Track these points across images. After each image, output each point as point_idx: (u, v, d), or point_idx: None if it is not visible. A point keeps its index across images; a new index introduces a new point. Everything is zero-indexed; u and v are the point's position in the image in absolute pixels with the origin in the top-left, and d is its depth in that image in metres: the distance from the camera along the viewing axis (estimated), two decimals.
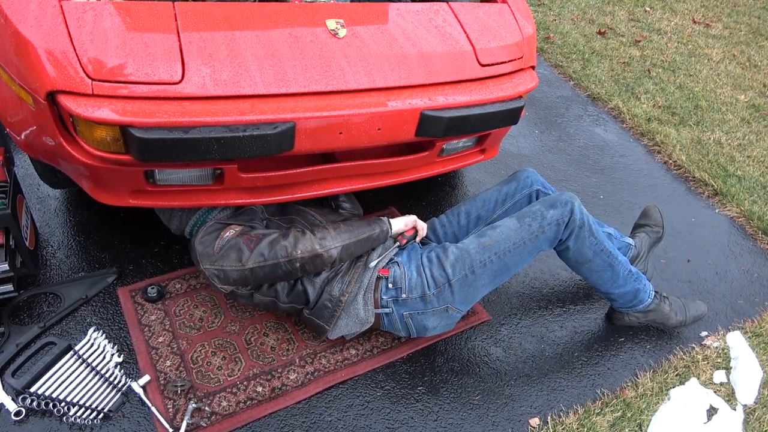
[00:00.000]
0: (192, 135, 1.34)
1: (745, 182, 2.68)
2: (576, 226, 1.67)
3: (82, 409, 1.48)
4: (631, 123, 3.04)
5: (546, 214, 1.66)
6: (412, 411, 1.60)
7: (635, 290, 1.79)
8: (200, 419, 1.50)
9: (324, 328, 1.62)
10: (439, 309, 1.62)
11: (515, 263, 1.65)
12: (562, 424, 1.61)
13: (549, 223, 1.65)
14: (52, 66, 1.30)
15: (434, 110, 1.59)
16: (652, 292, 1.85)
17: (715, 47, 4.06)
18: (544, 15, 4.09)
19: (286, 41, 1.50)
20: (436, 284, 1.60)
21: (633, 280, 1.78)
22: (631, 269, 1.79)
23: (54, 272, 1.83)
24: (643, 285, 1.81)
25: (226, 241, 1.53)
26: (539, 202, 1.71)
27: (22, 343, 1.60)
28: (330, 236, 1.55)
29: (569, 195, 1.71)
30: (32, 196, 2.08)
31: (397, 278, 1.62)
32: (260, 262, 1.49)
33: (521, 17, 1.84)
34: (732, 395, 1.77)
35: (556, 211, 1.66)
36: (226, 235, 1.55)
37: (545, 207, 1.68)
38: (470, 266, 1.60)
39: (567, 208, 1.67)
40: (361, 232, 1.61)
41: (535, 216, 1.67)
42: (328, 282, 1.60)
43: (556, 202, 1.69)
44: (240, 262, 1.50)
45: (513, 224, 1.66)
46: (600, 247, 1.71)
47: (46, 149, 1.50)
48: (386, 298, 1.62)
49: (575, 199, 1.69)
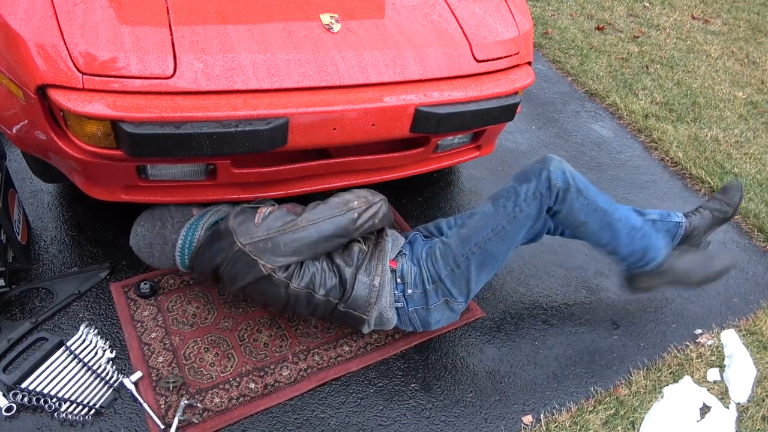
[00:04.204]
0: (184, 130, 1.33)
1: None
2: (560, 190, 1.53)
3: (73, 405, 1.48)
4: (629, 119, 3.03)
5: (519, 191, 1.53)
6: (405, 408, 1.60)
7: (643, 248, 1.61)
8: (192, 416, 1.49)
9: (362, 318, 1.57)
10: (439, 303, 1.62)
11: (501, 249, 1.57)
12: (555, 422, 1.60)
13: (525, 200, 1.52)
14: (42, 60, 1.29)
15: (429, 106, 1.58)
16: (665, 248, 1.65)
17: (713, 44, 4.04)
18: (542, 10, 4.06)
19: (280, 36, 1.49)
20: (432, 279, 1.61)
21: (640, 237, 1.61)
22: (635, 225, 1.61)
23: (46, 267, 1.82)
24: (654, 241, 1.62)
25: (266, 215, 1.48)
26: (512, 178, 1.59)
27: (14, 338, 1.60)
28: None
29: (543, 161, 1.55)
30: (25, 191, 2.07)
31: (404, 272, 1.62)
32: (315, 220, 1.47)
33: (518, 12, 1.82)
34: (725, 393, 1.77)
35: (529, 184, 1.53)
36: (264, 211, 1.49)
37: (517, 182, 1.56)
38: (454, 261, 1.57)
39: (542, 177, 1.52)
40: None
41: (508, 195, 1.54)
42: (358, 269, 1.56)
43: (529, 173, 1.55)
44: (292, 224, 1.46)
45: (488, 209, 1.57)
46: (592, 207, 1.57)
47: (37, 144, 1.49)
48: (397, 292, 1.62)
49: (550, 163, 1.53)
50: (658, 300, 2.04)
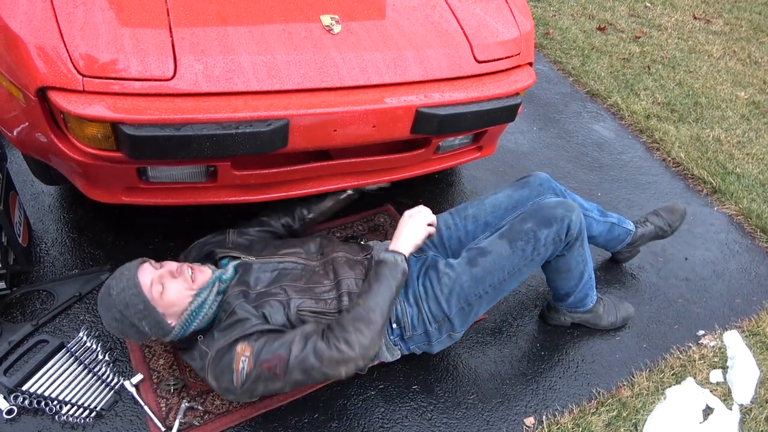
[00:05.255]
0: (184, 132, 1.33)
1: (744, 180, 2.67)
2: (572, 239, 1.58)
3: (74, 408, 1.48)
4: (630, 120, 3.02)
5: (540, 235, 1.53)
6: (406, 410, 1.59)
7: (586, 295, 1.77)
8: (193, 418, 1.49)
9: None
10: (442, 338, 1.57)
11: (512, 285, 1.58)
12: (557, 423, 1.60)
13: (544, 245, 1.54)
14: (43, 62, 1.28)
15: (430, 107, 1.57)
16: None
17: (715, 44, 4.04)
18: (543, 11, 4.06)
19: (280, 37, 1.49)
20: (435, 319, 1.53)
21: (589, 287, 1.76)
22: (591, 275, 1.75)
23: (47, 269, 1.82)
24: (593, 289, 1.79)
25: (245, 376, 1.31)
26: (531, 217, 1.57)
27: (15, 340, 1.60)
28: (350, 331, 1.33)
29: (565, 207, 1.57)
30: (26, 193, 2.07)
31: (399, 316, 1.53)
32: (297, 381, 1.34)
33: (519, 13, 1.82)
34: (728, 395, 1.76)
35: (550, 230, 1.54)
36: (240, 367, 1.31)
37: (538, 225, 1.55)
38: (465, 300, 1.52)
39: (563, 224, 1.54)
40: (382, 296, 1.41)
41: (528, 238, 1.54)
42: None
43: (551, 218, 1.55)
44: (275, 386, 1.34)
45: (504, 250, 1.54)
46: (583, 258, 1.66)
47: (37, 146, 1.49)
48: (393, 338, 1.55)
49: (573, 211, 1.56)
50: (660, 301, 2.04)
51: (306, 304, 1.45)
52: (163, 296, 1.35)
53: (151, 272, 1.37)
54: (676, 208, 2.07)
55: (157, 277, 1.36)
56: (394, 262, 1.46)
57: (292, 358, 1.31)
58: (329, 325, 1.36)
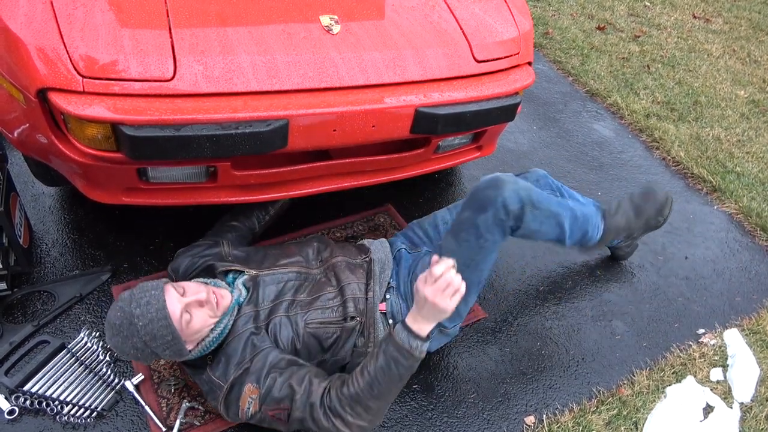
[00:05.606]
0: (184, 133, 1.33)
1: (744, 178, 2.67)
2: (517, 213, 1.49)
3: (75, 408, 1.48)
4: (630, 119, 3.02)
5: (478, 223, 1.48)
6: (406, 410, 1.59)
7: (583, 232, 1.66)
8: (194, 418, 1.49)
9: None
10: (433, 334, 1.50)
11: (478, 276, 1.53)
12: (558, 422, 1.60)
13: (486, 230, 1.48)
14: (43, 63, 1.29)
15: (429, 107, 1.57)
16: (600, 225, 1.71)
17: (715, 42, 4.04)
18: (542, 10, 4.06)
19: (280, 37, 1.49)
20: None
21: (579, 227, 1.64)
22: (578, 215, 1.63)
23: (48, 270, 1.82)
24: (592, 225, 1.68)
25: (250, 416, 1.34)
26: (467, 205, 1.52)
27: (16, 341, 1.60)
28: (349, 413, 1.29)
29: (495, 185, 1.48)
30: (26, 194, 2.07)
31: (394, 312, 1.54)
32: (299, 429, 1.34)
33: (518, 13, 1.82)
34: (729, 393, 1.76)
35: (486, 215, 1.48)
36: (246, 407, 1.33)
37: (474, 212, 1.49)
38: None
39: (498, 204, 1.47)
40: (389, 391, 1.30)
41: (468, 228, 1.50)
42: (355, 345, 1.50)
43: (485, 202, 1.48)
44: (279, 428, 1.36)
45: (451, 245, 1.51)
46: (545, 214, 1.55)
47: (38, 147, 1.49)
48: None
49: (504, 187, 1.47)
50: (660, 300, 2.04)
51: (312, 316, 1.46)
52: (190, 325, 1.32)
53: (179, 300, 1.31)
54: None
55: (185, 306, 1.31)
56: (411, 354, 1.27)
57: (293, 416, 1.31)
58: (331, 394, 1.30)
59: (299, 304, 1.47)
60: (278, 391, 1.32)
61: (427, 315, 1.28)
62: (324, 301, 1.49)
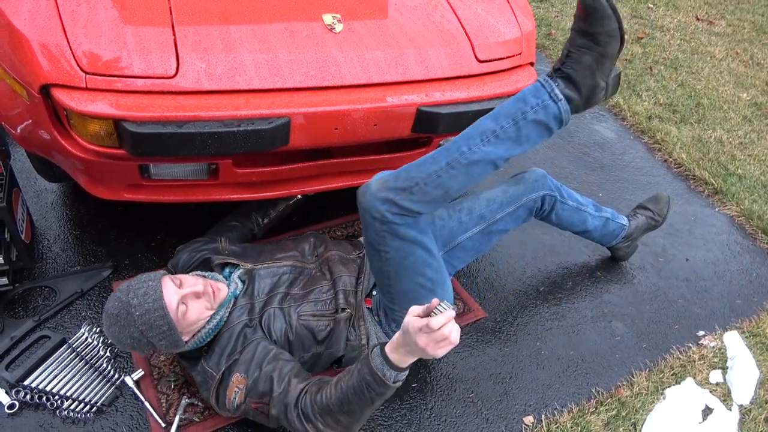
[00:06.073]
0: (186, 130, 1.34)
1: (746, 181, 2.67)
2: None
3: (75, 403, 1.48)
4: (632, 121, 3.02)
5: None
6: (405, 408, 1.60)
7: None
8: (193, 414, 1.50)
9: None
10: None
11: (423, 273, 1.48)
12: (557, 422, 1.60)
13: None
14: (46, 59, 1.29)
15: (431, 106, 1.58)
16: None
17: (717, 45, 4.03)
18: (545, 11, 4.06)
19: (282, 36, 1.49)
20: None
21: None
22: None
23: (50, 266, 1.83)
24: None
25: (236, 406, 1.35)
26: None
27: (17, 336, 1.60)
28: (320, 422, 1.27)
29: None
30: (29, 190, 2.08)
31: (379, 309, 1.56)
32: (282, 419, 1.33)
33: (520, 13, 1.82)
34: (728, 395, 1.76)
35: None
36: (233, 396, 1.34)
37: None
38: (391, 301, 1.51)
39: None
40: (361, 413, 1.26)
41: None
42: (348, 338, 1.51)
43: None
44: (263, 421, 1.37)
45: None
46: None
47: (41, 143, 1.50)
48: (384, 327, 1.56)
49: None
50: (660, 301, 2.04)
51: (305, 309, 1.48)
52: (186, 316, 1.33)
53: (176, 291, 1.32)
54: (661, 197, 2.12)
55: (181, 298, 1.32)
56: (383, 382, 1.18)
57: (270, 413, 1.31)
58: (306, 399, 1.28)
59: (293, 296, 1.50)
60: (262, 384, 1.33)
61: (411, 351, 1.16)
62: (317, 294, 1.51)
